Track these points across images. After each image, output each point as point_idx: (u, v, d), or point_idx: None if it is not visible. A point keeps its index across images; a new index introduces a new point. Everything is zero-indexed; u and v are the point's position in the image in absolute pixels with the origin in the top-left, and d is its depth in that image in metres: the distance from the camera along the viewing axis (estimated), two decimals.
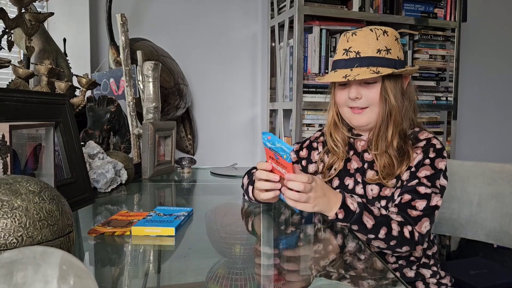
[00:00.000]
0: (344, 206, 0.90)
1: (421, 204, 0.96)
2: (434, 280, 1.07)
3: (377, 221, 0.91)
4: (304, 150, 1.20)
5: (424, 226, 0.95)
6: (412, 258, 1.07)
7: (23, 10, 1.13)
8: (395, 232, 0.92)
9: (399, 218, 0.94)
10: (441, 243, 2.28)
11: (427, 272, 1.07)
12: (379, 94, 1.03)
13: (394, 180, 1.03)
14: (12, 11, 1.12)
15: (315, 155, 1.18)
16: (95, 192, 1.17)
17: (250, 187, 1.06)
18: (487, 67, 2.78)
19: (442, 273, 1.10)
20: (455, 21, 2.28)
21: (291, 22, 2.04)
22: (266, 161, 0.91)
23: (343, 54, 1.04)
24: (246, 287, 0.62)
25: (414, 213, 0.95)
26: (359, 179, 1.08)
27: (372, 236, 0.91)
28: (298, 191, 0.85)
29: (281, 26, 2.19)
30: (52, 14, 1.22)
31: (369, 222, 0.91)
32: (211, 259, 0.74)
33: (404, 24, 2.21)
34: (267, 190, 0.91)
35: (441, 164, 1.01)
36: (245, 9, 2.31)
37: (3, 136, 0.60)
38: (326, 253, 0.79)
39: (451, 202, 1.41)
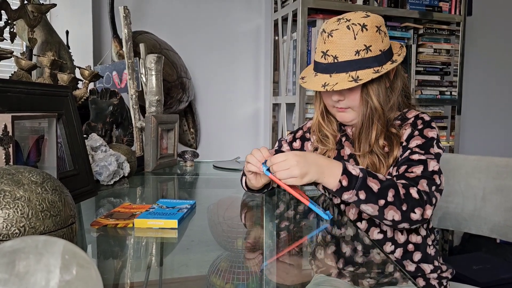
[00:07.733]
0: (346, 172, 0.89)
1: (418, 169, 0.95)
2: (435, 275, 1.06)
3: (383, 185, 0.89)
4: (298, 141, 1.20)
5: (426, 184, 0.93)
6: (410, 246, 1.04)
7: (25, 1, 1.12)
8: (402, 194, 0.89)
9: (403, 181, 0.93)
10: (443, 238, 2.28)
11: (427, 268, 1.05)
12: (360, 96, 1.01)
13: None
14: (15, 3, 1.12)
15: (308, 146, 1.18)
16: (97, 185, 1.17)
17: (244, 178, 1.12)
18: (492, 62, 2.76)
19: (444, 267, 1.09)
20: (460, 15, 2.26)
21: (295, 15, 2.03)
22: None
23: (321, 57, 1.01)
24: (248, 280, 0.62)
25: (412, 175, 0.94)
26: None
27: (382, 202, 0.88)
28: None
29: (285, 19, 2.18)
30: (54, 5, 1.21)
31: (374, 186, 0.88)
32: (214, 252, 0.73)
33: (409, 17, 2.19)
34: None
35: (431, 133, 1.00)
36: (248, 2, 2.30)
37: (5, 126, 0.60)
38: (326, 248, 0.78)
39: (455, 196, 1.40)
